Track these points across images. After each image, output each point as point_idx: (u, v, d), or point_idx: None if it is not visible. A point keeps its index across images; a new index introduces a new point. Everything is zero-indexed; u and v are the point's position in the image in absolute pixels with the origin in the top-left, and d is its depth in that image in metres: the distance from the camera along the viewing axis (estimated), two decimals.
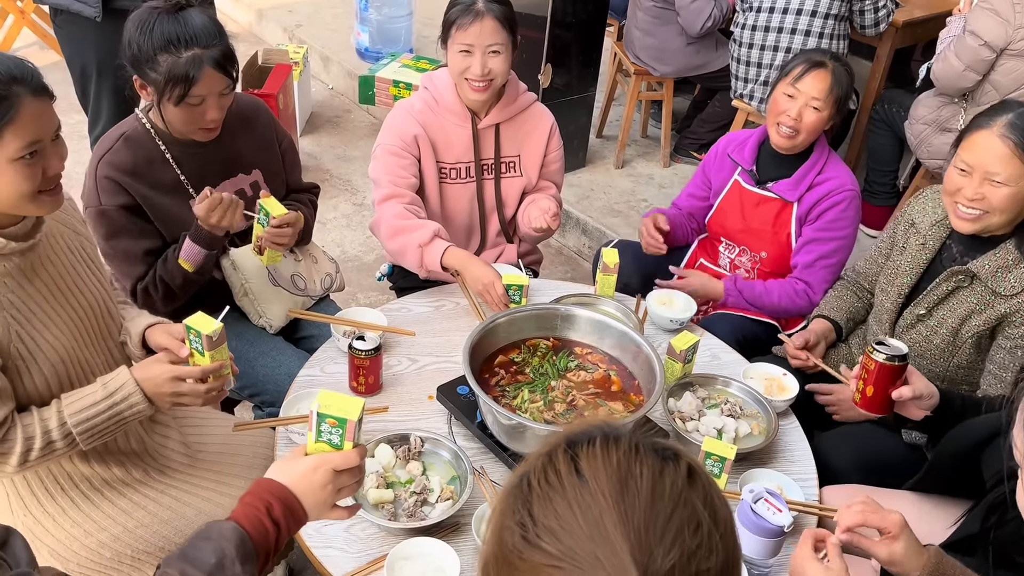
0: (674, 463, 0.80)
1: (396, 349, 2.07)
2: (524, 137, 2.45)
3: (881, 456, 1.98)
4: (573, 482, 0.77)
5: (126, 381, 1.54)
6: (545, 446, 0.83)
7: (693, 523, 0.76)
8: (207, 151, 2.08)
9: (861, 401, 1.74)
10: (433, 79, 2.39)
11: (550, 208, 2.33)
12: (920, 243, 2.05)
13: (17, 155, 1.38)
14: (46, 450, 1.50)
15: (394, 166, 2.30)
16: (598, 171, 4.31)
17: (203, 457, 1.86)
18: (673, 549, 0.74)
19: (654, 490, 0.76)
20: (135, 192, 1.99)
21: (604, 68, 4.42)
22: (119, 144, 2.00)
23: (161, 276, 2.04)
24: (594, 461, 0.78)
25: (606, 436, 0.81)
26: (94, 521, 1.68)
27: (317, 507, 1.21)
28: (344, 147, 4.59)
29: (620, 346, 1.93)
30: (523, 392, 1.82)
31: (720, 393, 1.99)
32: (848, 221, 2.39)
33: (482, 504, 1.63)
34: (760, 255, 2.52)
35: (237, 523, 1.12)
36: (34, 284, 1.53)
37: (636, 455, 0.79)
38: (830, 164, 2.41)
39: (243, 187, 2.18)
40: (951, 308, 1.98)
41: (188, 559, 1.07)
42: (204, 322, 1.57)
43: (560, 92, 3.94)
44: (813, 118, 2.30)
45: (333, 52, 5.22)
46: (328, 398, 1.21)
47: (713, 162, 2.60)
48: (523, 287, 2.14)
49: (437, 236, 2.21)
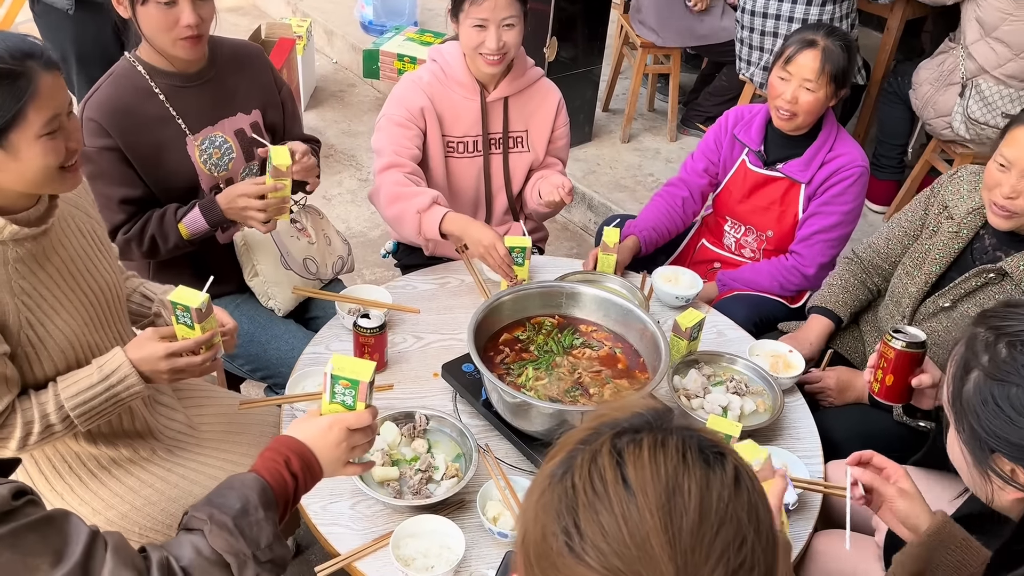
0: (721, 470, 0.79)
1: (401, 327, 2.07)
2: (532, 112, 2.42)
3: (883, 431, 1.97)
4: (620, 493, 0.77)
5: (121, 363, 1.54)
6: (588, 435, 0.83)
7: (738, 540, 0.77)
8: (198, 87, 2.05)
9: (880, 390, 1.70)
10: (441, 51, 2.37)
11: (565, 184, 2.29)
12: (953, 231, 1.99)
13: (42, 131, 1.38)
14: (45, 433, 1.51)
15: (398, 136, 2.28)
16: (604, 145, 4.28)
17: (209, 435, 1.87)
18: (718, 569, 0.75)
19: (701, 507, 0.76)
20: (118, 136, 1.94)
21: (610, 41, 4.37)
22: (107, 83, 1.98)
23: (153, 233, 2.01)
24: (642, 471, 0.78)
25: (654, 437, 0.80)
26: (102, 499, 1.69)
27: (332, 463, 1.28)
28: (348, 122, 4.57)
29: (625, 323, 1.92)
30: (528, 370, 1.82)
31: (726, 370, 1.99)
32: (853, 196, 2.36)
33: (487, 482, 1.63)
34: (766, 234, 2.50)
35: (258, 474, 1.18)
36: (46, 269, 1.52)
37: (684, 464, 0.78)
38: (840, 140, 2.38)
39: (243, 127, 2.14)
40: (977, 303, 1.93)
41: (214, 504, 1.14)
42: (190, 296, 1.55)
43: (566, 66, 3.90)
44: (809, 99, 2.27)
45: (337, 26, 5.17)
46: (341, 361, 1.28)
47: (722, 138, 2.55)
48: (526, 249, 2.11)
49: (436, 203, 2.20)
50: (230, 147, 2.11)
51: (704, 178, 2.58)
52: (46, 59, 1.39)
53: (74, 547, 1.04)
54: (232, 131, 2.11)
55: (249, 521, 1.13)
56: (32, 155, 1.39)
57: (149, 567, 1.07)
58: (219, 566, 1.11)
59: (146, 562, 1.08)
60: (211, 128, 2.08)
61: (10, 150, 1.36)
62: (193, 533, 1.13)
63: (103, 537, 1.08)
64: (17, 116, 1.35)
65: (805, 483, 1.72)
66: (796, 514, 1.66)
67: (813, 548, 1.70)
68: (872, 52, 4.04)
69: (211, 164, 2.09)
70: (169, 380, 1.60)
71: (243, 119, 2.14)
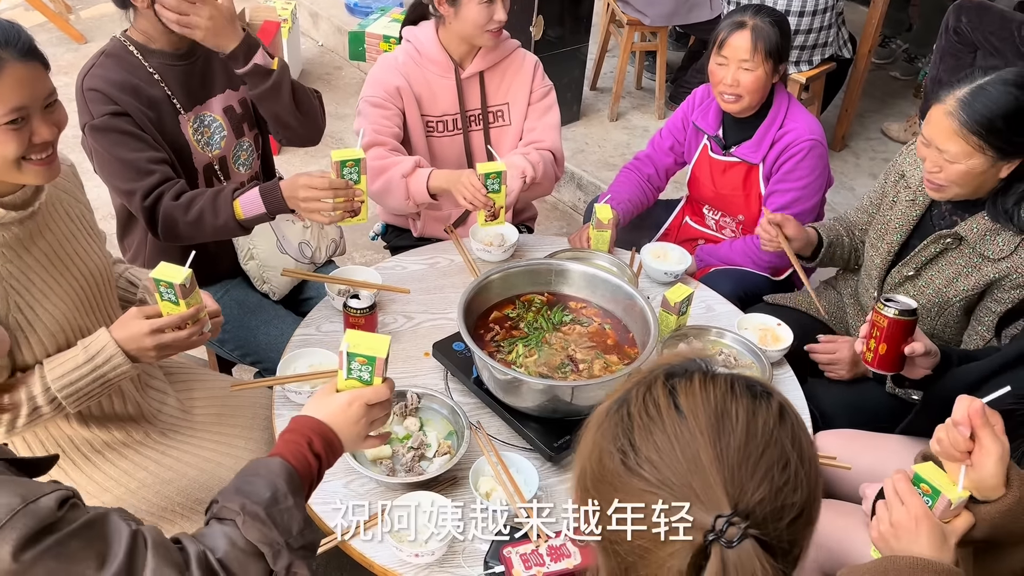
0: (766, 402, 0.85)
1: (391, 307, 2.08)
2: (509, 84, 2.42)
3: (871, 402, 1.99)
4: (672, 416, 0.83)
5: (107, 343, 1.53)
6: (643, 375, 0.89)
7: (782, 461, 0.82)
8: (188, 65, 2.03)
9: (873, 359, 1.71)
10: (415, 32, 2.36)
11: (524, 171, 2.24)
12: (910, 199, 2.02)
13: (3, 120, 1.34)
14: (33, 415, 1.51)
15: (377, 116, 2.28)
16: (593, 124, 4.28)
17: (202, 417, 1.88)
18: (763, 485, 0.81)
19: (748, 429, 0.83)
20: (122, 103, 1.91)
21: (597, 19, 4.36)
22: (101, 59, 1.95)
23: (203, 207, 1.90)
24: (693, 398, 0.84)
25: (704, 372, 0.87)
26: (96, 483, 1.70)
27: (352, 439, 1.27)
28: (336, 104, 4.54)
29: (614, 299, 1.93)
30: (518, 347, 1.83)
31: (715, 344, 2.00)
32: (807, 170, 2.35)
33: (479, 458, 1.65)
34: (738, 219, 2.51)
35: (283, 458, 1.17)
36: (32, 253, 1.52)
37: (732, 393, 0.85)
38: (790, 116, 2.37)
39: (231, 103, 2.13)
40: (939, 270, 1.96)
41: (244, 493, 1.12)
42: (172, 272, 1.52)
43: (552, 44, 3.89)
44: (749, 79, 2.27)
45: (322, 8, 5.13)
46: (356, 337, 1.27)
47: (688, 118, 2.55)
48: (501, 174, 2.06)
49: (419, 165, 2.20)
50: (220, 125, 2.11)
51: (670, 156, 2.59)
52: (23, 48, 1.35)
53: (116, 548, 1.03)
54: (221, 109, 2.10)
55: (280, 509, 1.12)
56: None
57: (188, 561, 1.06)
58: (254, 556, 1.10)
59: (183, 555, 1.07)
60: (201, 107, 2.07)
61: None
62: (225, 523, 1.12)
63: (142, 534, 1.07)
64: None
65: None
66: None
67: None
68: (858, 26, 4.04)
69: (203, 143, 2.08)
70: (157, 357, 1.59)
71: (232, 96, 2.13)
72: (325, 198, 1.84)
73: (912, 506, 1.20)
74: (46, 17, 4.87)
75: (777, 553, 0.81)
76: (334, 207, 1.85)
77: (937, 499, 1.20)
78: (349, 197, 1.85)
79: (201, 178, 2.11)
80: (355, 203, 1.87)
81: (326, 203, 1.84)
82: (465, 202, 2.11)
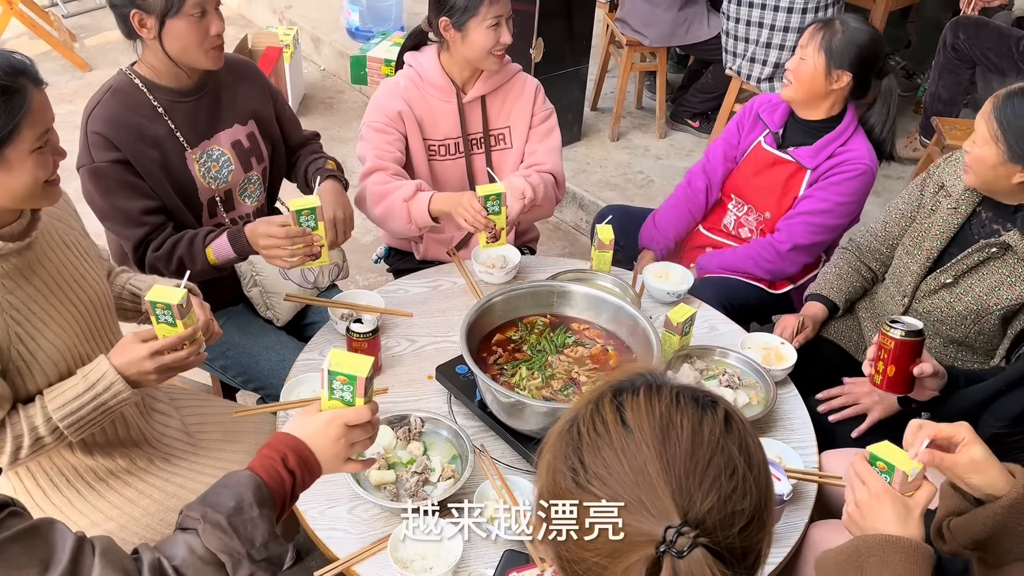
0: (712, 411, 0.86)
1: (394, 330, 2.08)
2: (511, 107, 2.43)
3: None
4: (619, 432, 0.85)
5: (106, 371, 1.53)
6: (592, 393, 0.90)
7: (729, 469, 0.83)
8: (195, 101, 2.06)
9: (882, 382, 1.70)
10: (417, 57, 2.38)
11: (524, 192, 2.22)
12: (952, 207, 2.02)
13: (35, 146, 1.40)
14: (35, 446, 1.51)
15: (379, 142, 2.30)
16: (593, 144, 4.30)
17: (206, 444, 1.87)
18: (711, 493, 0.81)
19: (694, 439, 0.83)
20: (125, 148, 1.94)
21: (596, 40, 4.39)
22: (107, 97, 1.97)
23: (181, 255, 2.00)
24: (638, 411, 0.85)
25: (649, 385, 0.88)
26: (100, 511, 1.70)
27: (331, 460, 1.26)
28: (338, 128, 4.57)
29: (617, 320, 1.93)
30: (521, 370, 1.82)
31: (718, 364, 2.00)
32: (850, 189, 2.35)
33: (483, 482, 1.64)
34: (764, 215, 2.51)
35: (253, 472, 1.18)
36: (32, 283, 1.53)
37: (677, 404, 0.86)
38: (855, 137, 2.39)
39: (240, 138, 2.15)
40: (979, 278, 1.96)
41: (209, 503, 1.13)
42: (168, 293, 1.53)
43: (553, 66, 3.91)
44: (803, 68, 2.32)
45: (323, 33, 5.18)
46: (339, 356, 1.26)
47: (744, 121, 2.58)
48: (501, 195, 2.06)
49: (420, 189, 2.22)
50: (228, 160, 2.12)
51: (724, 165, 2.60)
52: (35, 76, 1.41)
53: (60, 554, 1.03)
54: (229, 143, 2.12)
55: (244, 519, 1.12)
56: (23, 170, 1.40)
57: (140, 569, 1.06)
58: (213, 565, 1.10)
59: (137, 563, 1.07)
60: (208, 142, 2.09)
61: (4, 165, 1.38)
62: (187, 532, 1.12)
63: (90, 542, 1.07)
64: (13, 132, 1.36)
65: (800, 474, 1.73)
66: (792, 504, 1.67)
67: (809, 538, 1.71)
68: None
69: (210, 177, 2.10)
70: (158, 380, 1.59)
71: (240, 130, 2.15)
72: (284, 245, 1.91)
73: (872, 484, 1.25)
74: (50, 45, 4.91)
75: (729, 561, 0.81)
76: (292, 253, 1.92)
77: (893, 474, 1.26)
78: (308, 243, 1.93)
79: (205, 211, 2.13)
80: (314, 248, 1.95)
81: (285, 249, 1.91)
82: (466, 224, 2.11)
